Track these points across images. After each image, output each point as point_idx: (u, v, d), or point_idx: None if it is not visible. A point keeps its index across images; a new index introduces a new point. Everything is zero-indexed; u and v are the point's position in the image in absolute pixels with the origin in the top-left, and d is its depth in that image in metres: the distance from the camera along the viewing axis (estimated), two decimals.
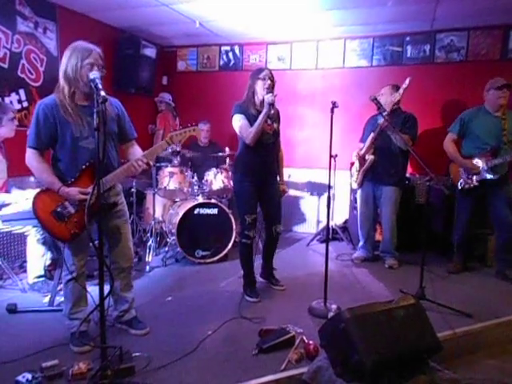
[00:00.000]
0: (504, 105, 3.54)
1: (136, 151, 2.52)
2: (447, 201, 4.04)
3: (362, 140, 4.10)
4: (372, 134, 3.82)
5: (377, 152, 3.89)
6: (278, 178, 3.33)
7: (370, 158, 3.88)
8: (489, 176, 3.49)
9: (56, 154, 2.32)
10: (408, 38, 4.82)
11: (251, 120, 2.96)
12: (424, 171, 2.98)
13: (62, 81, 2.24)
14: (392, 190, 3.88)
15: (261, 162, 3.03)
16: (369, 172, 3.97)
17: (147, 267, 3.81)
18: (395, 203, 3.90)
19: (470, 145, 3.67)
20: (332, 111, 2.80)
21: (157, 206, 4.32)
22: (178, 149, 4.11)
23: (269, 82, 2.93)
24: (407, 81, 3.56)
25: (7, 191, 3.27)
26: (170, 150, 3.99)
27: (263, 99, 2.93)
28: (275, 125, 3.09)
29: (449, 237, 3.97)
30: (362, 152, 3.96)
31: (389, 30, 4.74)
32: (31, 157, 2.27)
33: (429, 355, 2.07)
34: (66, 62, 2.22)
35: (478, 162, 3.54)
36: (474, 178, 3.56)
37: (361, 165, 4.02)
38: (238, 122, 3.02)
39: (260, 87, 2.96)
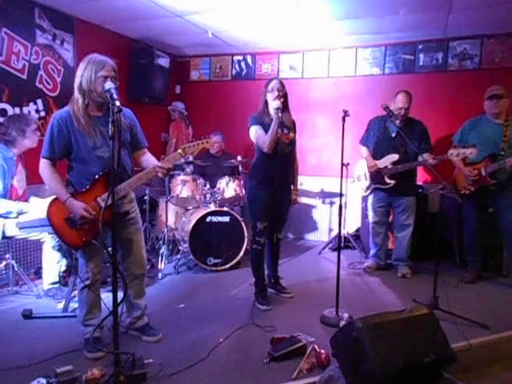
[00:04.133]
0: (498, 113, 3.55)
1: (149, 158, 2.56)
2: (461, 209, 4.00)
3: (363, 142, 4.07)
4: (389, 163, 3.78)
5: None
6: (292, 186, 3.34)
7: (391, 182, 3.78)
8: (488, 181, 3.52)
9: (71, 163, 2.37)
10: (420, 46, 4.82)
11: (267, 129, 3.03)
12: (437, 180, 2.96)
13: (76, 93, 2.29)
14: (411, 200, 3.89)
15: (276, 171, 3.06)
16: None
17: (160, 274, 3.83)
18: (414, 212, 3.91)
19: None
20: (343, 120, 2.81)
21: (169, 214, 4.36)
22: (190, 158, 4.16)
23: (276, 92, 3.00)
24: (471, 151, 3.27)
25: (26, 200, 3.34)
26: (182, 160, 4.04)
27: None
28: (291, 134, 3.14)
29: (463, 246, 3.92)
30: (380, 167, 3.84)
31: (401, 38, 4.74)
32: (44, 166, 2.32)
33: (443, 366, 2.05)
34: (81, 74, 2.26)
35: (480, 170, 3.54)
36: (473, 183, 3.59)
37: (372, 178, 3.95)
38: (254, 132, 3.09)
39: (270, 98, 3.05)
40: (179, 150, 2.42)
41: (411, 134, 3.69)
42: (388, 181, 3.82)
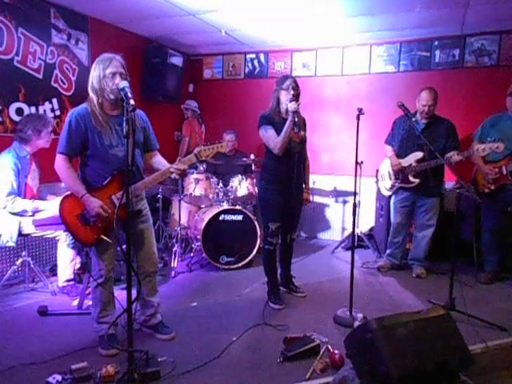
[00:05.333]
0: None
1: (160, 160, 2.58)
2: (478, 208, 3.93)
3: (388, 141, 3.99)
4: (413, 161, 3.70)
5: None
6: (304, 186, 3.31)
7: (416, 181, 3.72)
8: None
9: (86, 160, 2.39)
10: (436, 43, 4.73)
11: (278, 129, 2.95)
12: (453, 178, 2.91)
13: (90, 93, 2.33)
14: (435, 201, 3.82)
15: (288, 171, 2.99)
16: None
17: (173, 272, 3.85)
18: (437, 212, 3.85)
19: None
20: (358, 118, 2.77)
21: (182, 212, 4.37)
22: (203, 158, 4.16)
23: (292, 92, 2.91)
24: (497, 146, 3.22)
25: (41, 198, 3.38)
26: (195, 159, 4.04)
27: (287, 108, 2.92)
28: (302, 133, 3.07)
29: (480, 246, 3.85)
30: (405, 166, 3.75)
31: (416, 34, 4.66)
32: (60, 162, 2.34)
33: (459, 369, 2.01)
34: (92, 75, 2.32)
35: (500, 168, 3.48)
36: (493, 182, 3.53)
37: (396, 177, 3.88)
38: (265, 132, 3.02)
39: (283, 97, 2.95)
40: (194, 152, 2.43)
41: (437, 131, 3.63)
42: (412, 179, 3.75)
